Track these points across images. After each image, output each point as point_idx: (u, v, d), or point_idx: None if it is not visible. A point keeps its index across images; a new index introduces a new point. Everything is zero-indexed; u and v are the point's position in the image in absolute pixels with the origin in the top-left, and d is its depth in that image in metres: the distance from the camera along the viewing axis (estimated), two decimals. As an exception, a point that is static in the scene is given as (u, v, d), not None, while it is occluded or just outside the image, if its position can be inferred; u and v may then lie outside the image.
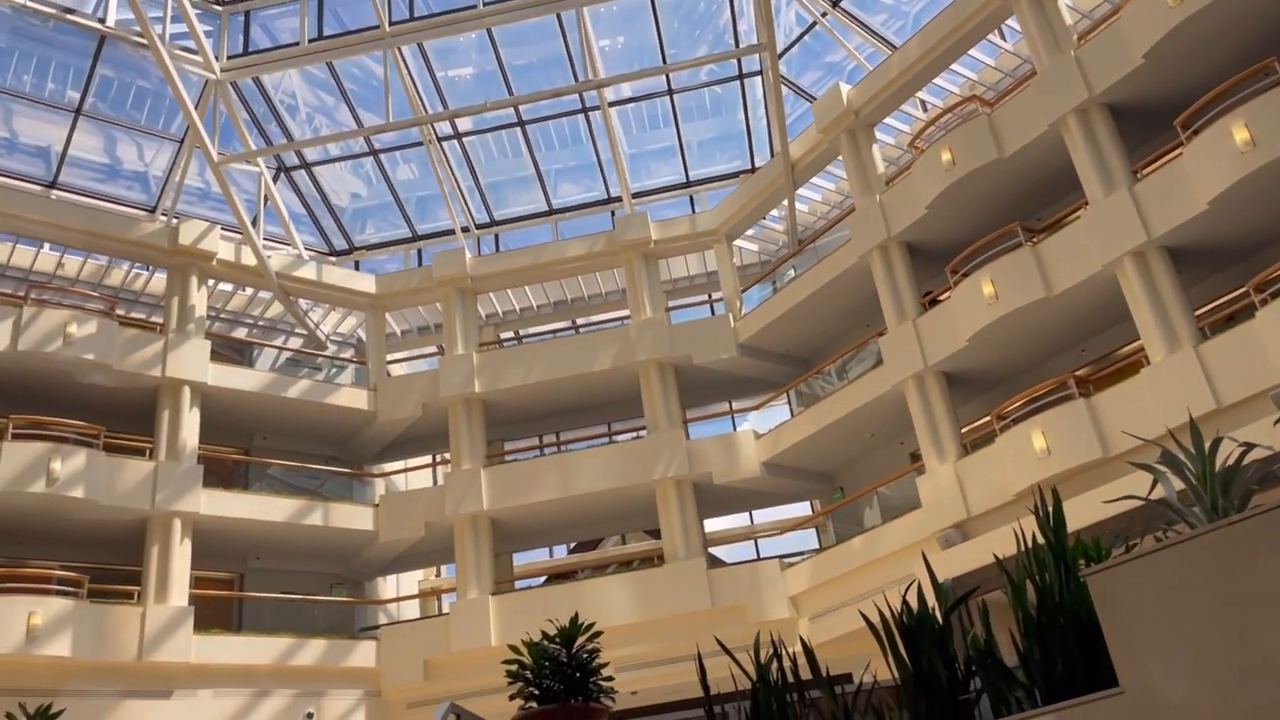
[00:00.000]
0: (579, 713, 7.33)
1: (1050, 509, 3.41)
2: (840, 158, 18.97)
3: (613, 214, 22.80)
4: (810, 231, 21.80)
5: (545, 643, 7.50)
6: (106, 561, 17.37)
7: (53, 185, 19.88)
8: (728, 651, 4.67)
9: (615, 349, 20.31)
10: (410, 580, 23.61)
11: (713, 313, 22.70)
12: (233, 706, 16.83)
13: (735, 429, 20.85)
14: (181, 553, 17.32)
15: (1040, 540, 3.39)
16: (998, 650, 3.51)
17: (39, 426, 16.73)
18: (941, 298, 16.47)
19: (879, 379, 17.12)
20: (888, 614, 3.74)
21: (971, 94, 17.91)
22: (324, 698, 17.74)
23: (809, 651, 4.27)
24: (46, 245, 19.88)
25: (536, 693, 7.44)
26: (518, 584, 21.58)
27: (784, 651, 4.36)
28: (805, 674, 4.25)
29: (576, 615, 7.64)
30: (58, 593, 15.84)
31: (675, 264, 23.02)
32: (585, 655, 7.49)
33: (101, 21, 18.77)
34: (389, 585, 22.70)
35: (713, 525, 20.69)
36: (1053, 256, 14.54)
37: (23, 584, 15.62)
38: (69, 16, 18.38)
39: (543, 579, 22.50)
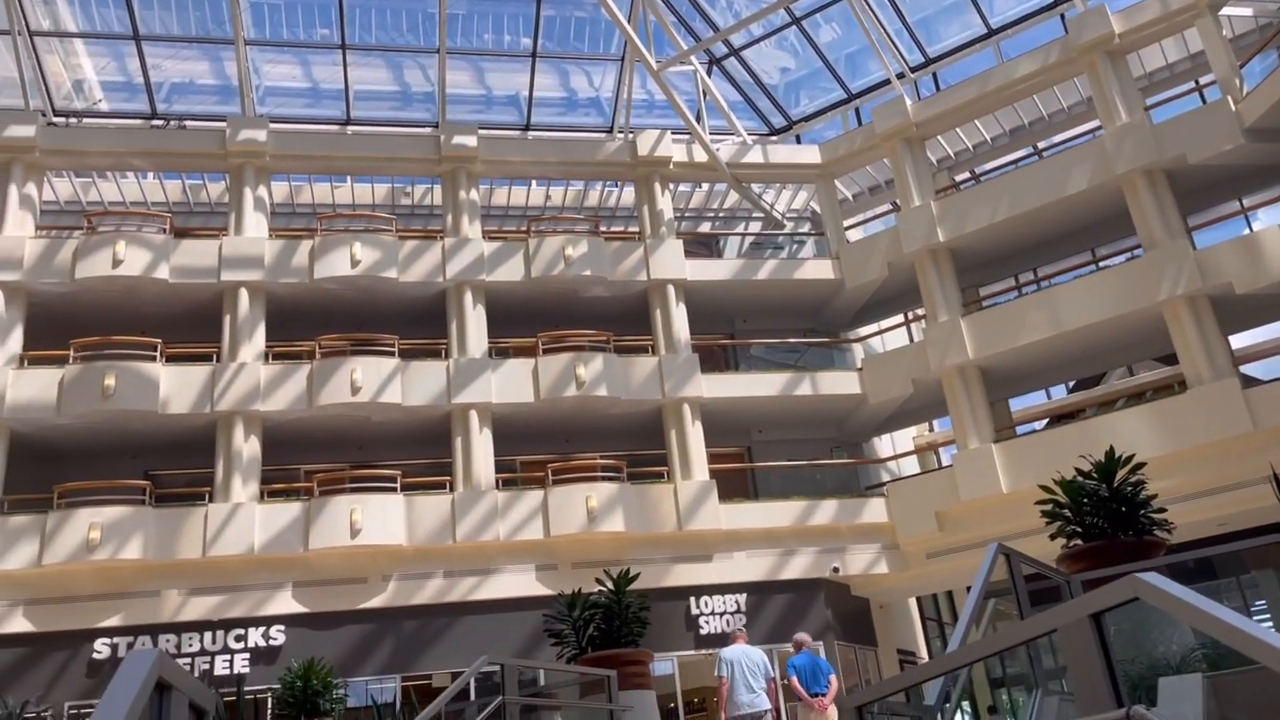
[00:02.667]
0: (1131, 547, 6.98)
1: None
2: None
3: (1062, 17, 20.46)
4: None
5: (1081, 479, 7.22)
6: (636, 448, 19.61)
7: (527, 128, 22.28)
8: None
9: (1090, 166, 18.46)
10: (904, 437, 23.87)
11: (1203, 101, 19.70)
12: (764, 565, 18.37)
13: (1251, 229, 18.08)
14: (695, 433, 19.05)
15: None
16: None
17: (561, 340, 19.20)
18: None
19: None
20: None
21: None
22: (845, 553, 18.69)
23: None
24: (533, 181, 22.45)
25: (1079, 530, 7.23)
26: (1018, 430, 20.86)
27: None
28: None
29: (1112, 449, 7.24)
30: (604, 478, 18.26)
31: (1148, 55, 20.19)
32: (1129, 488, 7.10)
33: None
34: (884, 444, 23.15)
35: (1240, 341, 18.27)
36: None
37: (576, 474, 18.23)
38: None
39: (1044, 422, 21.51)
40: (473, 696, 12.03)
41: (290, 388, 17.64)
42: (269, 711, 11.14)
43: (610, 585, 9.36)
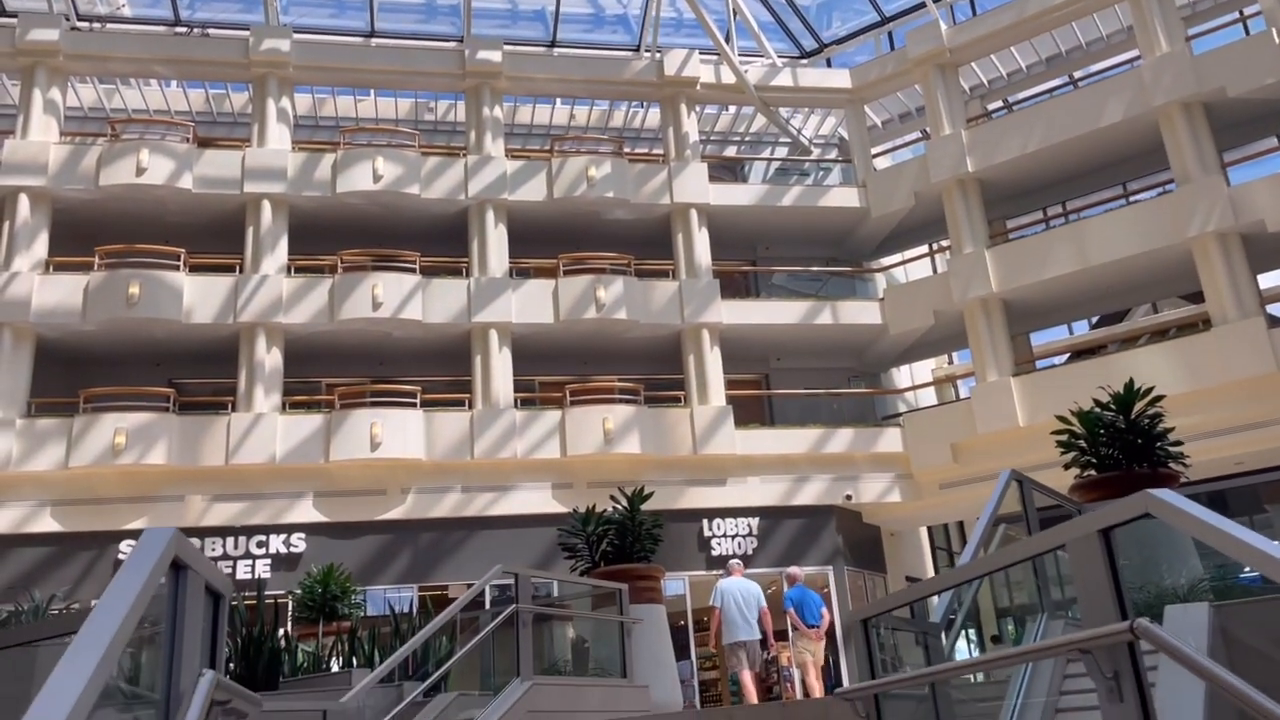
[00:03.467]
0: (1144, 479, 6.99)
1: None
2: None
3: (1107, -59, 19.80)
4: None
5: (1099, 410, 7.21)
6: (653, 372, 19.68)
7: (552, 45, 21.91)
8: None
9: (1126, 97, 18.05)
10: (923, 369, 23.83)
11: (1247, 32, 19.12)
12: (778, 490, 18.54)
13: (1289, 166, 17.69)
14: (713, 359, 19.08)
15: None
16: None
17: (582, 262, 19.15)
18: None
19: None
20: None
21: None
22: (859, 481, 18.83)
23: None
24: (558, 100, 22.16)
25: (1094, 461, 7.24)
26: (1038, 364, 20.78)
27: None
28: None
29: (1131, 381, 7.21)
30: (621, 401, 18.37)
31: (1193, -17, 19.58)
32: (1146, 421, 7.09)
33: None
34: (903, 375, 23.14)
35: (1269, 281, 18.02)
36: None
37: (594, 396, 18.34)
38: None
39: (1064, 357, 21.39)
40: (488, 606, 12.32)
41: (312, 301, 17.74)
42: (289, 614, 11.45)
43: (625, 503, 9.50)
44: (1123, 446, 6.91)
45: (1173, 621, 5.01)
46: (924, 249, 22.56)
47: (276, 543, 16.60)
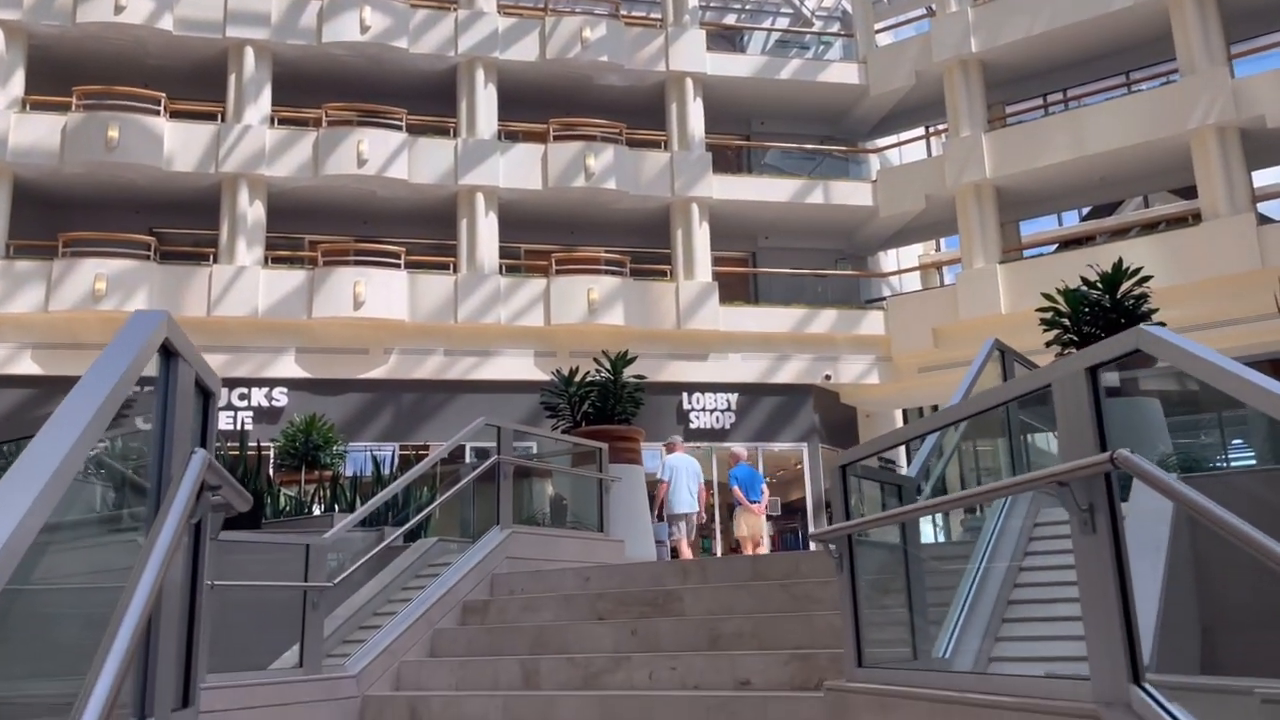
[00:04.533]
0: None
1: None
2: None
3: None
4: None
5: (1086, 288, 7.23)
6: (640, 245, 19.55)
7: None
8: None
9: (1139, -19, 17.54)
10: (910, 254, 23.77)
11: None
12: (758, 368, 18.69)
13: (1296, 61, 17.38)
14: (701, 234, 18.95)
15: None
16: None
17: (572, 128, 18.76)
18: None
19: None
20: None
21: None
22: (839, 362, 19.00)
23: None
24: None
25: (1076, 340, 7.31)
26: (1025, 254, 20.77)
27: None
28: None
29: (1120, 260, 7.23)
30: (607, 272, 18.29)
31: None
32: (1131, 301, 7.13)
33: None
34: (889, 259, 23.10)
35: (1263, 179, 17.92)
36: None
37: (579, 265, 18.25)
38: None
39: (1053, 248, 21.37)
40: (467, 460, 12.49)
41: (295, 154, 17.38)
42: (271, 463, 11.58)
43: (608, 365, 9.56)
44: (1106, 326, 6.96)
45: (1140, 493, 5.14)
46: (920, 131, 22.21)
47: (258, 396, 16.69)
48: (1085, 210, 21.53)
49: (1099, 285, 7.03)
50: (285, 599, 5.99)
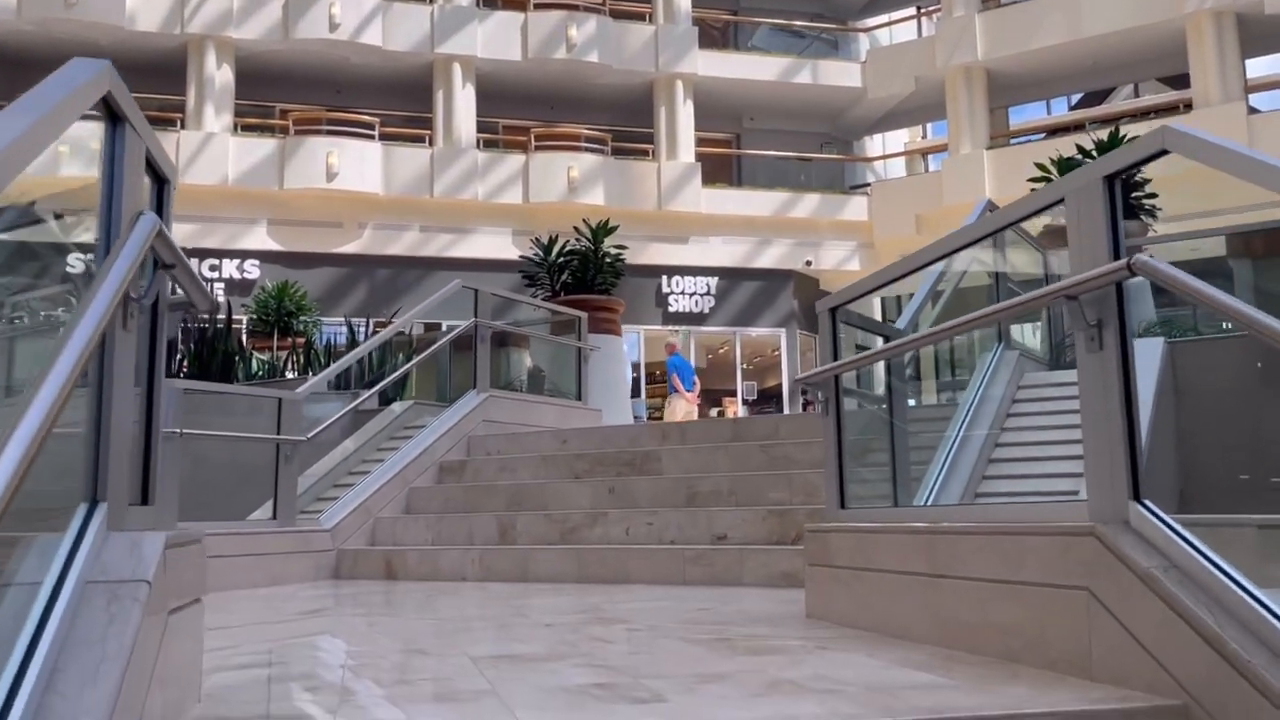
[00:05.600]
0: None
1: None
2: None
3: None
4: None
5: (1080, 155, 7.07)
6: (622, 124, 19.05)
7: None
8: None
9: None
10: (896, 140, 23.39)
11: None
12: (739, 252, 18.49)
13: (1302, -54, 16.86)
14: (685, 113, 18.48)
15: None
16: None
17: (554, -4, 18.04)
18: None
19: None
20: None
21: None
22: (820, 248, 18.81)
23: None
24: None
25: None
26: (1013, 141, 20.45)
27: None
28: None
29: (1117, 128, 7.03)
30: (587, 150, 17.86)
31: None
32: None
33: None
34: (875, 144, 22.71)
35: (1256, 68, 17.61)
36: None
37: (560, 142, 17.79)
38: None
39: (1041, 136, 21.05)
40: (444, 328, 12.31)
41: (265, 15, 16.63)
42: (243, 331, 11.38)
43: (588, 235, 9.35)
44: (1100, 197, 6.81)
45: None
46: (911, 10, 21.57)
47: (230, 268, 16.36)
48: (1075, 99, 21.18)
49: (1094, 154, 6.86)
50: (261, 459, 5.91)
